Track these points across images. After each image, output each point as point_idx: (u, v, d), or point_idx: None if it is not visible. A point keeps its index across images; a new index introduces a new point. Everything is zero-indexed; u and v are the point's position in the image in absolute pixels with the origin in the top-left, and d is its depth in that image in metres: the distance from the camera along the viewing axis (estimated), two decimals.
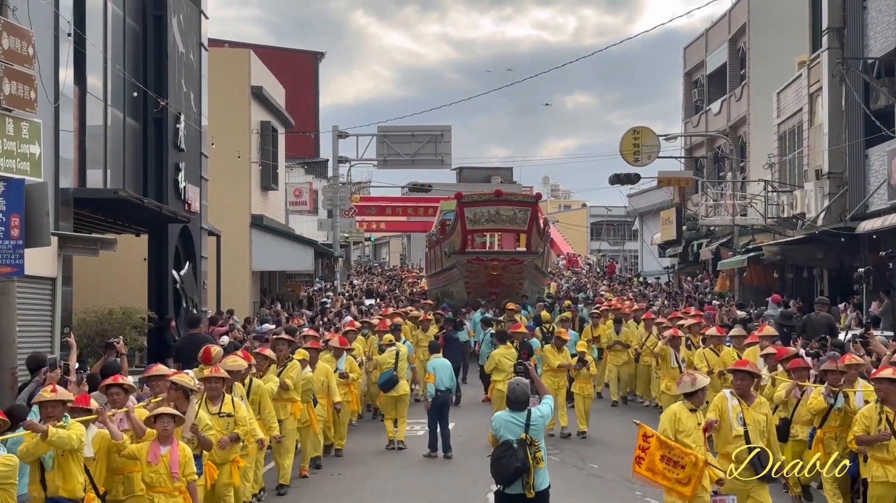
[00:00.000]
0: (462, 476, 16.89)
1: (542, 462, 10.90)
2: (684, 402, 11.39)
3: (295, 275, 45.07)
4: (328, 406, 17.76)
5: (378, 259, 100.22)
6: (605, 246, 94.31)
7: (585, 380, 20.70)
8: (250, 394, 14.19)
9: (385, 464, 18.21)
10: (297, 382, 16.15)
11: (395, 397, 19.61)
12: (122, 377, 12.16)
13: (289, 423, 15.95)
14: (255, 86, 36.66)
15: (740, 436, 11.50)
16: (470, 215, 33.17)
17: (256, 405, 14.26)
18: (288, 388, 15.83)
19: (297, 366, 16.35)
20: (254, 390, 14.37)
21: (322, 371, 17.69)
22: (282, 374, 15.92)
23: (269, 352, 15.94)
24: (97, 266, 22.90)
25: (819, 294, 33.32)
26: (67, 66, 18.88)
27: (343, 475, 17.28)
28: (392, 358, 19.87)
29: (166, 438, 10.93)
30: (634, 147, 44.48)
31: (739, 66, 47.50)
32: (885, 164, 27.23)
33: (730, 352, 18.66)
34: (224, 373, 13.10)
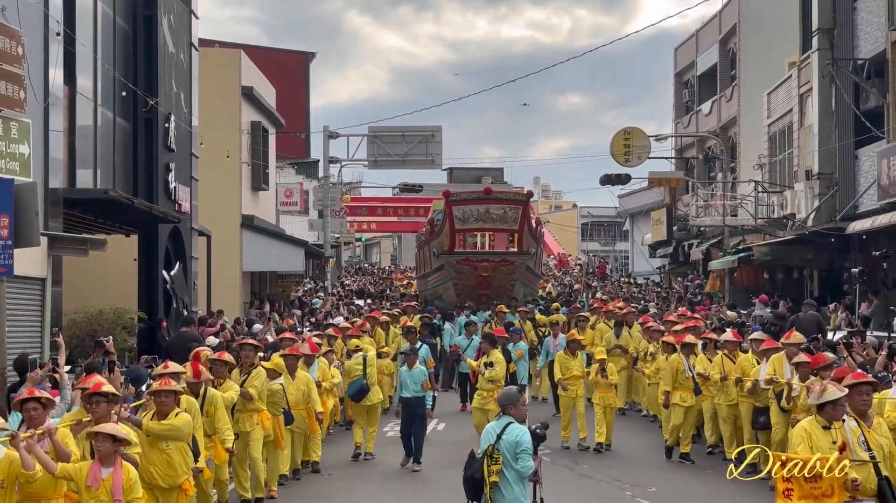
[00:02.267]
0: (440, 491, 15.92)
1: (498, 477, 9.81)
2: (816, 418, 9.79)
3: (286, 276, 44.99)
4: (309, 417, 16.66)
5: (369, 259, 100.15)
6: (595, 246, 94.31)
7: (606, 389, 19.04)
8: (204, 405, 13.14)
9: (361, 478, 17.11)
10: (261, 391, 14.97)
11: (368, 406, 18.59)
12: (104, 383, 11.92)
13: (255, 434, 14.86)
14: (245, 86, 36.59)
15: (866, 463, 9.58)
16: (458, 214, 32.35)
17: (211, 417, 13.20)
18: (251, 398, 14.72)
19: (263, 375, 15.14)
20: (208, 400, 13.30)
21: (301, 380, 16.58)
22: (245, 383, 14.82)
23: (228, 357, 14.85)
24: (87, 266, 22.84)
25: (809, 294, 33.39)
26: (57, 66, 18.83)
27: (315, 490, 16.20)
28: (360, 364, 18.77)
29: (107, 459, 9.72)
30: (625, 147, 44.52)
31: (730, 66, 47.58)
32: (875, 165, 27.28)
33: (748, 358, 17.26)
34: (176, 385, 11.88)
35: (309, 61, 62.41)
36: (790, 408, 14.84)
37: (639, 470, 17.39)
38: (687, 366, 18.09)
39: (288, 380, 16.27)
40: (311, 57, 63.13)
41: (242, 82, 36.34)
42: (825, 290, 32.33)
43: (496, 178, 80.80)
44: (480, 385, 18.64)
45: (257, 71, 39.84)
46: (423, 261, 38.68)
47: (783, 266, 37.22)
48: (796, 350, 15.53)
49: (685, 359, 18.18)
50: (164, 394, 11.45)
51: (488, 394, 18.04)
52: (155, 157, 24.72)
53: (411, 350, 19.09)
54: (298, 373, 16.62)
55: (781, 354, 15.82)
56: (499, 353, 18.94)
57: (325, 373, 18.39)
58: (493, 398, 17.66)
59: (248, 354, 15.37)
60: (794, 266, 36.55)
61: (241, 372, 15.12)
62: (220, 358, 14.58)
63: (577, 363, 19.52)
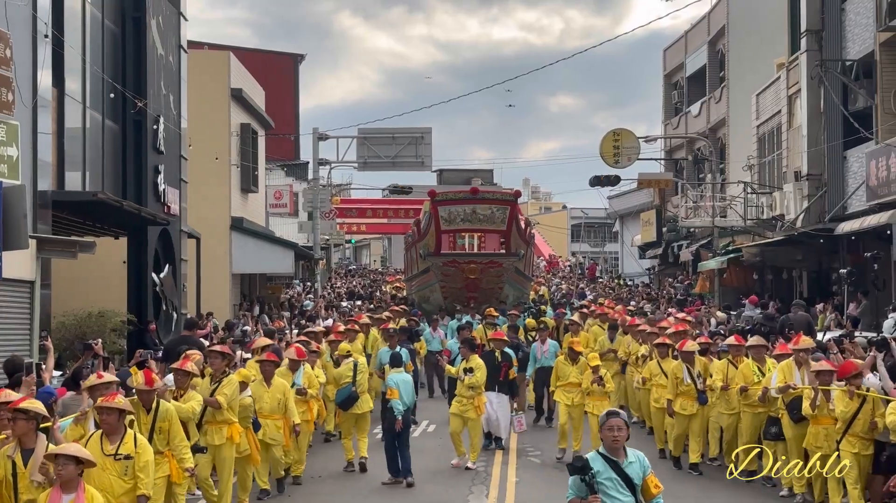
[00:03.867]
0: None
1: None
2: None
3: (275, 278, 44.95)
4: (286, 428, 15.47)
5: (359, 261, 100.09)
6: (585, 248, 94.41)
7: (600, 398, 18.07)
8: (157, 421, 11.82)
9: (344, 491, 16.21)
10: (231, 401, 13.74)
11: (357, 415, 17.56)
12: None
13: (225, 450, 13.73)
14: (234, 88, 36.57)
15: None
16: (444, 214, 31.36)
17: (165, 433, 11.84)
18: (219, 407, 13.54)
19: (234, 383, 13.91)
20: (161, 415, 11.86)
21: (278, 388, 15.46)
22: (215, 392, 13.66)
23: (191, 367, 13.46)
24: (76, 269, 22.82)
25: (798, 295, 33.45)
26: (45, 68, 18.81)
27: None
28: (350, 371, 17.74)
29: (69, 485, 8.84)
30: (614, 149, 44.49)
31: (719, 68, 47.67)
32: (864, 166, 27.34)
33: (749, 365, 16.30)
34: (123, 402, 10.54)
35: (298, 63, 62.38)
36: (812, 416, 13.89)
37: None
38: (686, 374, 17.17)
39: (263, 387, 15.29)
40: (300, 59, 63.10)
41: (231, 84, 36.32)
42: (814, 291, 32.39)
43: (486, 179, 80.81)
44: (459, 392, 17.79)
45: (246, 73, 39.81)
46: (411, 263, 37.92)
47: (772, 267, 37.29)
48: (806, 355, 14.87)
49: (685, 366, 17.25)
50: (106, 411, 10.19)
51: (468, 401, 17.50)
52: (144, 159, 24.69)
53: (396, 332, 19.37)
54: (275, 381, 15.53)
55: (790, 361, 15.08)
56: (479, 359, 18.01)
57: (311, 378, 17.21)
58: (472, 405, 17.45)
59: (215, 362, 14.14)
60: (783, 267, 36.63)
61: (210, 380, 13.97)
62: (181, 367, 13.34)
63: (575, 370, 18.67)
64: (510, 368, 18.99)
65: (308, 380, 17.04)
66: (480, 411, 17.73)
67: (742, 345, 16.97)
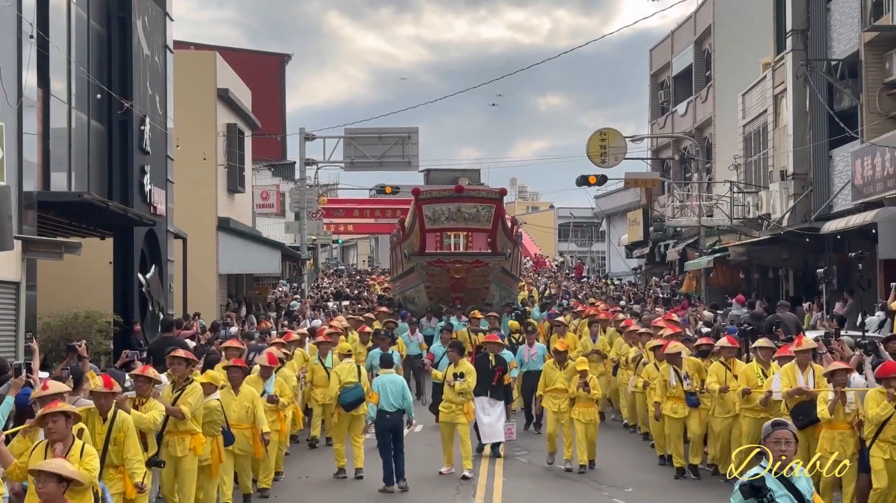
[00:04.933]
0: None
1: None
2: None
3: (262, 278, 44.90)
4: (254, 438, 14.63)
5: (346, 261, 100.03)
6: (572, 247, 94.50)
7: (587, 404, 17.29)
8: (112, 432, 11.05)
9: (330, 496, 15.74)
10: (196, 410, 13.00)
11: (353, 416, 16.99)
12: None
13: (187, 462, 12.97)
14: (221, 88, 36.51)
15: None
16: (429, 213, 30.71)
17: (119, 445, 11.03)
18: (183, 417, 12.81)
19: (198, 391, 13.12)
20: (117, 425, 11.07)
21: (247, 396, 14.66)
22: (178, 400, 12.90)
23: (153, 373, 12.66)
24: (62, 270, 22.75)
25: (785, 294, 33.55)
26: (30, 69, 18.76)
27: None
28: (355, 371, 17.20)
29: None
30: (601, 148, 44.60)
31: (705, 67, 47.78)
32: (849, 165, 27.44)
33: (753, 367, 15.65)
34: (68, 406, 9.78)
35: (284, 63, 62.31)
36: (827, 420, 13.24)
37: (616, 470, 17.32)
38: (673, 376, 16.74)
39: (231, 395, 14.49)
40: (287, 58, 63.03)
41: (218, 84, 36.26)
42: (800, 290, 32.49)
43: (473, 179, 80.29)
44: (448, 397, 17.07)
45: (232, 73, 39.76)
46: (396, 263, 37.31)
47: (758, 266, 37.39)
48: (808, 357, 14.40)
49: (671, 368, 16.83)
50: (51, 418, 9.34)
51: (457, 407, 16.84)
52: (130, 159, 24.63)
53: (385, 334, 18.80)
54: (243, 388, 14.73)
55: (792, 364, 14.49)
56: (468, 363, 17.52)
57: (282, 386, 16.37)
58: (461, 411, 16.85)
59: (178, 368, 13.29)
60: (769, 266, 36.73)
61: (173, 388, 13.17)
62: (142, 373, 12.57)
63: (562, 376, 17.84)
64: (505, 373, 18.35)
65: (279, 388, 16.21)
66: (470, 417, 17.11)
67: (735, 346, 16.56)
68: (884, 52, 26.54)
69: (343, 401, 16.93)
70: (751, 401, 15.20)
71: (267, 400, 15.50)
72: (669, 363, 16.94)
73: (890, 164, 24.18)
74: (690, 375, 16.67)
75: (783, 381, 14.25)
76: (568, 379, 17.73)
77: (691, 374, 16.69)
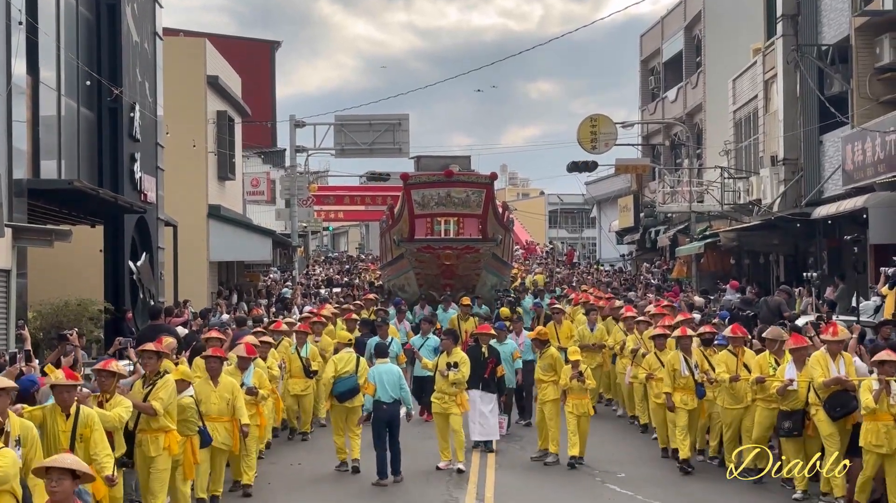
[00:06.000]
0: None
1: None
2: None
3: (253, 266, 44.87)
4: (235, 432, 13.97)
5: (337, 249, 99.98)
6: (563, 233, 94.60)
7: (580, 395, 16.59)
8: (77, 428, 10.47)
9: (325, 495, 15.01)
10: (169, 405, 12.33)
11: (349, 408, 16.33)
12: None
13: (161, 462, 12.26)
14: (210, 75, 36.41)
15: None
16: (418, 198, 30.21)
17: (86, 442, 10.45)
18: (154, 414, 12.14)
19: (171, 385, 12.45)
20: (81, 422, 10.49)
21: (226, 387, 13.95)
22: (149, 396, 12.24)
23: (116, 366, 11.85)
24: (52, 257, 22.69)
25: (775, 279, 33.63)
26: (19, 56, 18.68)
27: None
28: (353, 361, 16.45)
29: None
30: (592, 135, 44.62)
31: (695, 53, 47.76)
32: (840, 150, 27.46)
33: (764, 356, 15.08)
34: None
35: (274, 50, 62.13)
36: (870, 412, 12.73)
37: (608, 455, 17.22)
38: (683, 365, 16.11)
39: (209, 386, 13.85)
40: (277, 46, 62.85)
41: (207, 71, 36.16)
42: (791, 275, 32.53)
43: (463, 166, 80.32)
44: (441, 388, 16.48)
45: (222, 60, 39.65)
46: (385, 250, 36.81)
47: (749, 251, 37.45)
48: (840, 346, 13.82)
49: (681, 356, 16.23)
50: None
51: (450, 398, 16.28)
52: (120, 146, 24.56)
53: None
54: (223, 379, 14.03)
55: (822, 352, 13.85)
56: (462, 353, 16.84)
57: (262, 378, 15.80)
58: (454, 402, 16.29)
59: (149, 362, 12.68)
60: (760, 251, 36.79)
61: (143, 383, 12.51)
62: (104, 368, 11.73)
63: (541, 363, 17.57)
64: (497, 364, 17.57)
65: (259, 379, 15.62)
66: (465, 408, 16.54)
67: (743, 336, 16.00)
68: (874, 37, 26.52)
69: (335, 391, 16.25)
70: (764, 390, 14.74)
71: (246, 392, 14.78)
72: (681, 350, 16.33)
73: (880, 149, 24.19)
74: (699, 364, 16.16)
75: (818, 371, 13.65)
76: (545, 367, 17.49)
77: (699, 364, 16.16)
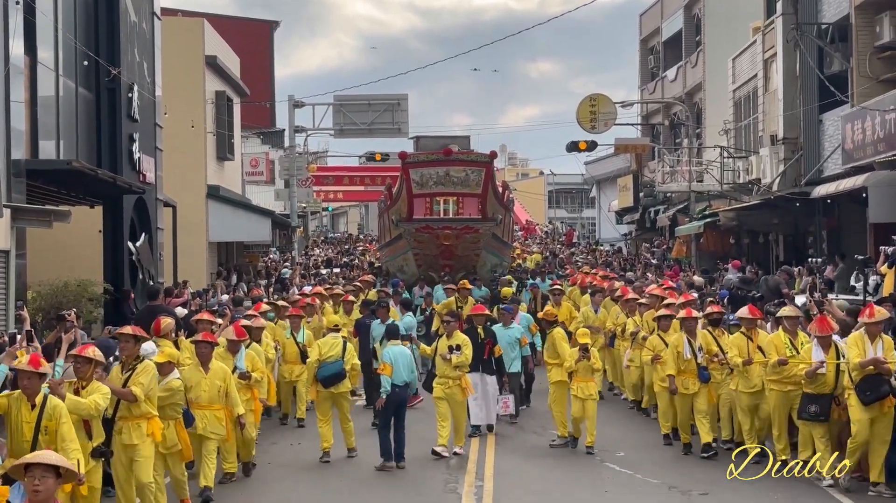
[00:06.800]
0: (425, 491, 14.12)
1: None
2: None
3: (252, 246, 44.87)
4: (227, 420, 13.49)
5: (336, 229, 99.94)
6: (562, 213, 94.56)
7: (585, 378, 16.22)
8: (42, 420, 9.91)
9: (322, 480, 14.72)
10: (150, 390, 11.76)
11: (335, 394, 15.85)
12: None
13: (145, 449, 11.69)
14: (209, 55, 36.32)
15: None
16: (416, 177, 29.59)
17: (52, 434, 9.86)
18: (136, 400, 11.59)
19: (151, 370, 11.91)
20: (48, 413, 9.90)
21: (217, 373, 13.45)
22: (129, 381, 11.67)
23: (93, 352, 11.17)
24: (51, 238, 22.68)
25: (776, 258, 33.63)
26: (17, 36, 18.60)
27: None
28: (339, 346, 16.02)
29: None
30: (591, 114, 44.51)
31: (695, 32, 47.62)
32: (839, 129, 27.41)
33: (780, 337, 14.62)
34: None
35: (273, 30, 62.03)
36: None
37: (608, 434, 17.09)
38: (687, 347, 15.74)
39: (199, 373, 13.37)
40: (275, 25, 62.73)
41: (206, 51, 36.07)
42: (790, 255, 32.54)
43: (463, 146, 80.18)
44: (444, 372, 16.06)
45: (221, 40, 39.55)
46: (383, 230, 36.33)
47: (749, 231, 37.44)
48: (879, 328, 13.39)
49: (685, 338, 15.87)
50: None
51: (454, 382, 15.90)
52: (118, 127, 24.50)
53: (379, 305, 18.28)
54: (213, 365, 13.49)
55: (860, 334, 13.43)
56: (463, 335, 16.41)
57: (254, 361, 15.18)
58: (458, 386, 15.94)
59: (127, 346, 12.07)
60: (759, 231, 36.78)
61: (122, 368, 11.96)
62: (80, 353, 11.16)
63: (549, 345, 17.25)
64: (495, 345, 17.30)
65: (251, 362, 15.03)
66: (468, 392, 16.22)
67: (757, 317, 15.58)
68: (874, 16, 26.46)
69: (319, 375, 15.75)
70: (780, 373, 14.37)
71: (238, 376, 14.45)
72: (686, 332, 15.98)
73: (880, 128, 24.15)
74: (704, 347, 15.83)
75: (852, 352, 13.28)
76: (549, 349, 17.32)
77: (704, 347, 15.83)
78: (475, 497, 13.59)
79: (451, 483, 14.37)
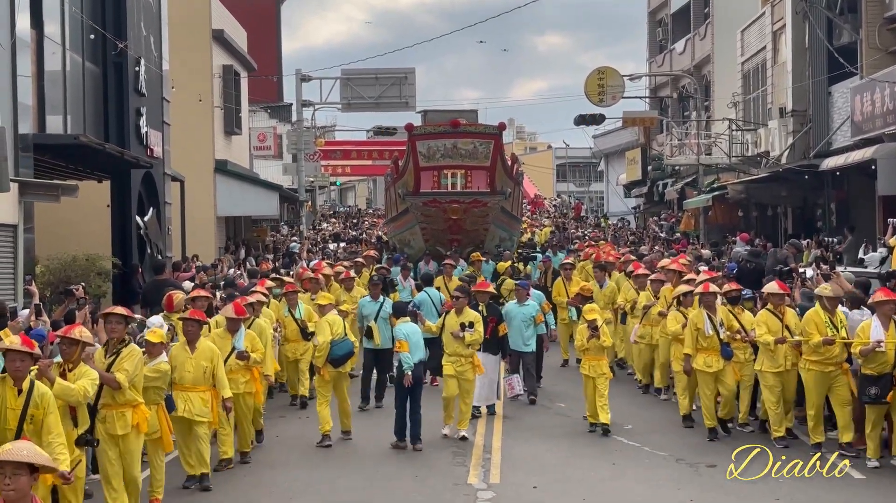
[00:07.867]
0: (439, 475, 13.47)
1: None
2: None
3: (260, 221, 44.90)
4: (214, 404, 12.71)
5: (344, 203, 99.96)
6: (570, 187, 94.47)
7: (597, 356, 15.76)
8: (28, 407, 9.17)
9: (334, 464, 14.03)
10: (135, 377, 11.05)
11: (341, 373, 15.27)
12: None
13: (130, 442, 11.02)
14: (216, 29, 36.26)
15: None
16: (423, 150, 28.82)
17: (38, 424, 9.13)
18: (119, 387, 10.86)
19: (136, 354, 11.17)
20: (34, 401, 9.18)
21: (204, 353, 12.66)
22: (113, 366, 10.95)
23: (80, 333, 10.50)
24: (59, 213, 22.70)
25: (784, 231, 33.57)
26: (23, 11, 18.58)
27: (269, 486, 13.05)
28: (341, 323, 15.49)
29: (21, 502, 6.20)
30: (599, 87, 44.42)
31: (703, 4, 47.44)
32: (849, 101, 27.31)
33: (818, 313, 13.83)
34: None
35: (280, 3, 61.89)
36: None
37: (615, 408, 16.73)
38: (707, 324, 14.97)
39: (185, 352, 12.63)
40: None
41: (213, 25, 36.03)
42: (799, 227, 32.49)
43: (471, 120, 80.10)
44: (455, 350, 15.48)
45: (228, 14, 39.48)
46: (390, 204, 35.82)
47: (757, 204, 37.38)
48: None
49: (705, 314, 15.07)
50: None
51: (466, 360, 15.40)
52: (125, 101, 24.48)
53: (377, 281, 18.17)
54: (201, 345, 12.74)
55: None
56: (474, 311, 15.82)
57: (254, 340, 14.32)
58: (470, 365, 15.44)
59: (114, 327, 11.29)
60: (768, 203, 36.72)
61: (106, 352, 11.20)
62: (66, 334, 10.48)
63: None
64: (499, 323, 16.84)
65: (251, 342, 14.20)
66: (480, 370, 15.69)
67: (785, 292, 14.78)
68: None
69: (333, 355, 14.98)
70: (822, 353, 13.64)
71: (237, 356, 13.80)
72: (705, 307, 15.16)
73: (889, 100, 24.05)
74: (724, 323, 15.17)
75: None
76: None
77: (725, 323, 15.18)
78: (483, 469, 13.64)
79: (460, 456, 14.41)
